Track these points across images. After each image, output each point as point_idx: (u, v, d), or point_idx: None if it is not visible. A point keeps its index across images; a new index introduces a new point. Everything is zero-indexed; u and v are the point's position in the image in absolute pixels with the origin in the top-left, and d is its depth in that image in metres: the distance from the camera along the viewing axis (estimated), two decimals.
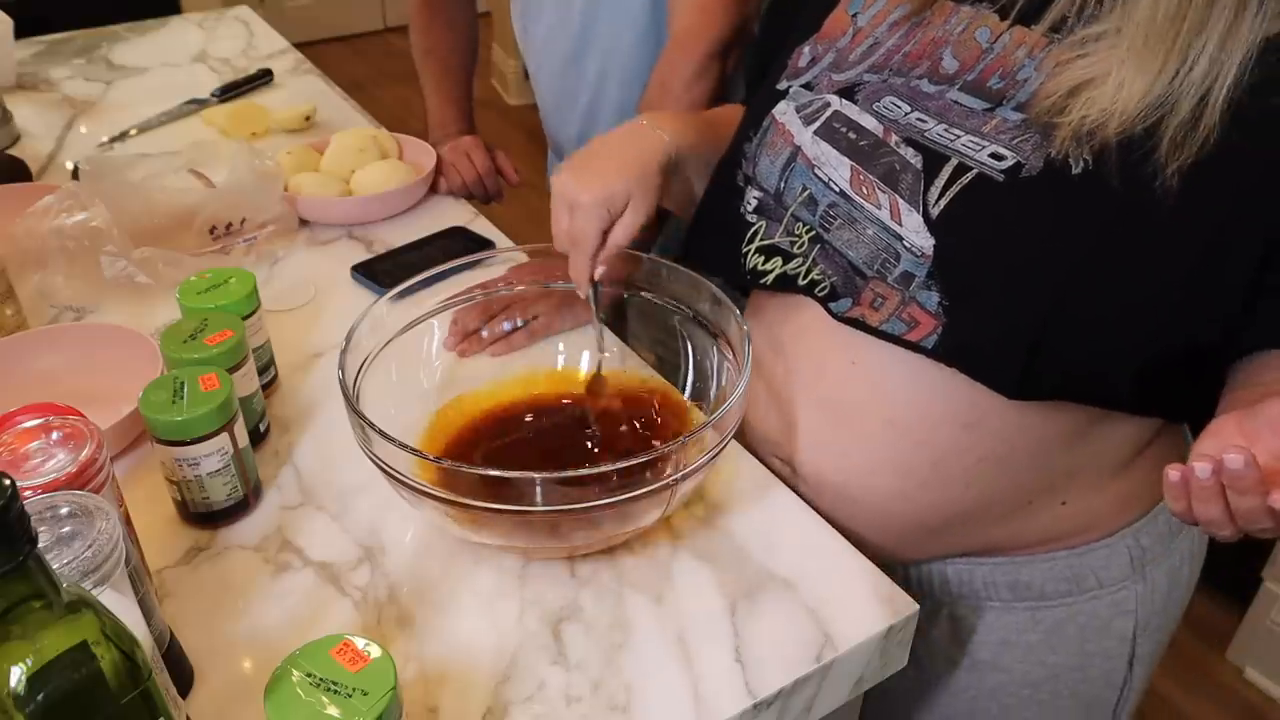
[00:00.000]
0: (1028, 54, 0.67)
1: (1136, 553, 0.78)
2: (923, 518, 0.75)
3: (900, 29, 0.73)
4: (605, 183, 0.75)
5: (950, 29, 0.71)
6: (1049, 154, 0.63)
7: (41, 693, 0.40)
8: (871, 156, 0.69)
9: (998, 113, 0.66)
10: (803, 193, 0.73)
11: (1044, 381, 0.65)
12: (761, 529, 0.75)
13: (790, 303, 0.76)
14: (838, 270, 0.71)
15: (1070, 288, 0.62)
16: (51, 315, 1.02)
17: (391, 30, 4.50)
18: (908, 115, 0.69)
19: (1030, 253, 0.63)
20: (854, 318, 0.70)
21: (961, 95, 0.68)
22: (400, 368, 0.80)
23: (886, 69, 0.72)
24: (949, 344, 0.66)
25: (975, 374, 0.66)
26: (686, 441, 0.67)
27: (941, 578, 0.81)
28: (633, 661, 0.65)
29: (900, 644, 0.70)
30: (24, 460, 0.57)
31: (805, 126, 0.73)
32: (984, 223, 0.65)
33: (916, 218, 0.66)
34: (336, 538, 0.75)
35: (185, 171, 1.20)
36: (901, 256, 0.67)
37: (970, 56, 0.69)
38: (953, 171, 0.66)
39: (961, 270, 0.65)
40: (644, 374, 0.88)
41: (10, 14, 1.55)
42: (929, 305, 0.66)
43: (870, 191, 0.69)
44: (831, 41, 0.76)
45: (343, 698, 0.50)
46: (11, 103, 1.46)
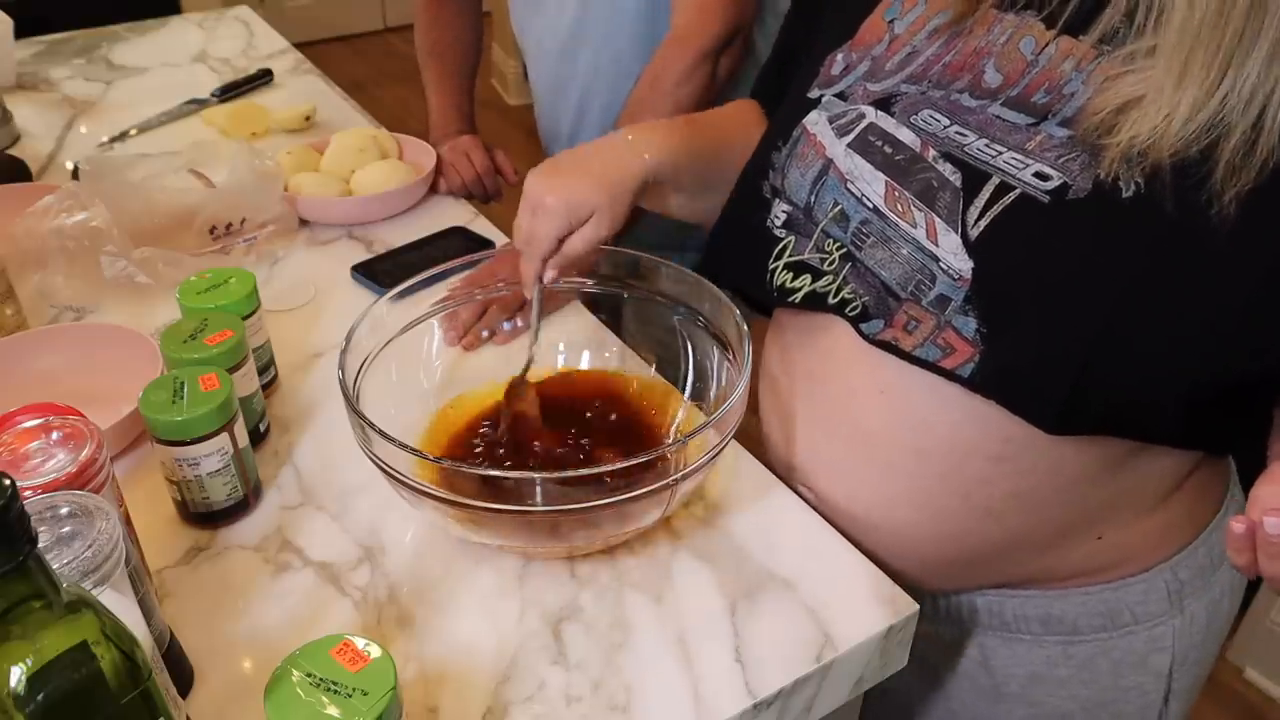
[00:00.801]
0: (1075, 67, 0.62)
1: (1175, 587, 0.74)
2: (951, 551, 0.72)
3: (940, 37, 0.69)
4: (571, 190, 0.74)
5: (993, 39, 0.66)
6: (1098, 175, 0.59)
7: (41, 693, 0.40)
8: (908, 172, 0.66)
9: (1042, 128, 0.62)
10: (834, 208, 0.70)
11: (1086, 415, 0.61)
12: (761, 529, 0.75)
13: (817, 323, 0.73)
14: (870, 290, 0.68)
15: (1118, 317, 0.58)
16: (51, 315, 1.02)
17: (391, 30, 4.50)
18: (947, 129, 0.66)
19: (1076, 280, 0.59)
20: (886, 340, 0.67)
21: (1004, 110, 0.64)
22: (400, 368, 0.80)
23: (925, 80, 0.68)
24: (987, 373, 0.62)
25: (1014, 407, 0.62)
26: (686, 441, 0.67)
27: (970, 608, 0.78)
28: (633, 661, 0.65)
29: (900, 644, 0.70)
30: (24, 460, 0.57)
31: (838, 139, 0.70)
32: (1027, 246, 0.61)
33: (954, 238, 0.63)
34: (336, 538, 0.75)
35: (185, 171, 1.20)
36: (938, 278, 0.64)
37: (1014, 69, 0.65)
38: (994, 191, 0.62)
39: (1002, 296, 0.62)
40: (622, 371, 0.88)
41: (10, 14, 1.55)
42: (966, 332, 0.63)
43: (905, 209, 0.65)
44: (867, 49, 0.72)
45: (343, 698, 0.50)
46: (11, 103, 1.46)
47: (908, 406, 0.68)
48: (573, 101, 1.29)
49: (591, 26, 1.22)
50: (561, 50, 1.26)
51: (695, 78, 1.11)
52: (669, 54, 1.12)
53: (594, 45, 1.24)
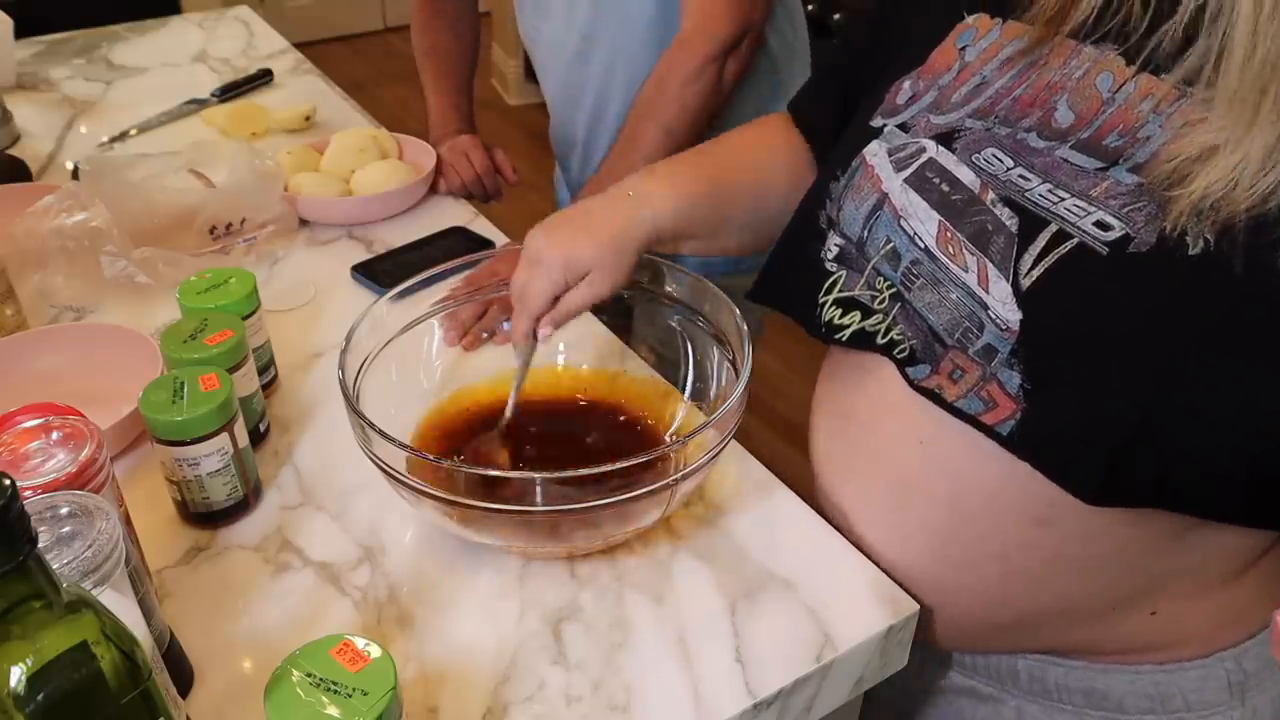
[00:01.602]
0: (1154, 108, 0.58)
1: (1237, 677, 0.68)
2: (989, 613, 0.69)
3: (1012, 68, 0.65)
4: (569, 248, 0.73)
5: (1069, 73, 0.62)
6: (1163, 228, 0.54)
7: (41, 693, 0.40)
8: (963, 213, 0.62)
9: (1111, 173, 0.58)
10: (886, 245, 0.66)
11: (1132, 488, 0.57)
12: (761, 529, 0.75)
13: (865, 363, 0.70)
14: (918, 333, 0.65)
15: (1174, 382, 0.54)
16: (51, 315, 1.02)
17: (391, 30, 4.50)
18: (1009, 171, 0.62)
19: (1130, 339, 0.55)
20: (930, 388, 0.63)
21: (1073, 153, 0.60)
22: (400, 368, 0.80)
23: (992, 115, 0.65)
24: (1025, 434, 0.59)
25: (1051, 473, 0.58)
26: (686, 442, 0.67)
27: (1011, 670, 0.74)
28: (633, 661, 0.65)
29: (900, 644, 0.70)
30: (24, 460, 0.57)
31: (896, 173, 0.67)
32: (1080, 300, 0.57)
33: (1005, 286, 0.59)
34: (336, 538, 0.75)
35: (185, 171, 1.20)
36: (985, 327, 0.60)
37: (1088, 109, 0.61)
38: (1050, 238, 0.58)
39: (1049, 352, 0.58)
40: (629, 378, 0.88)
41: (10, 14, 1.55)
42: (1010, 386, 0.59)
43: (957, 251, 0.62)
44: (935, 77, 0.68)
45: (343, 698, 0.50)
46: (11, 103, 1.46)
47: (946, 460, 0.65)
48: (587, 106, 1.29)
49: (603, 30, 1.22)
50: (574, 55, 1.26)
51: (702, 79, 1.10)
52: (675, 56, 1.11)
53: (607, 48, 1.23)
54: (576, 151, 1.36)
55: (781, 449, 2.17)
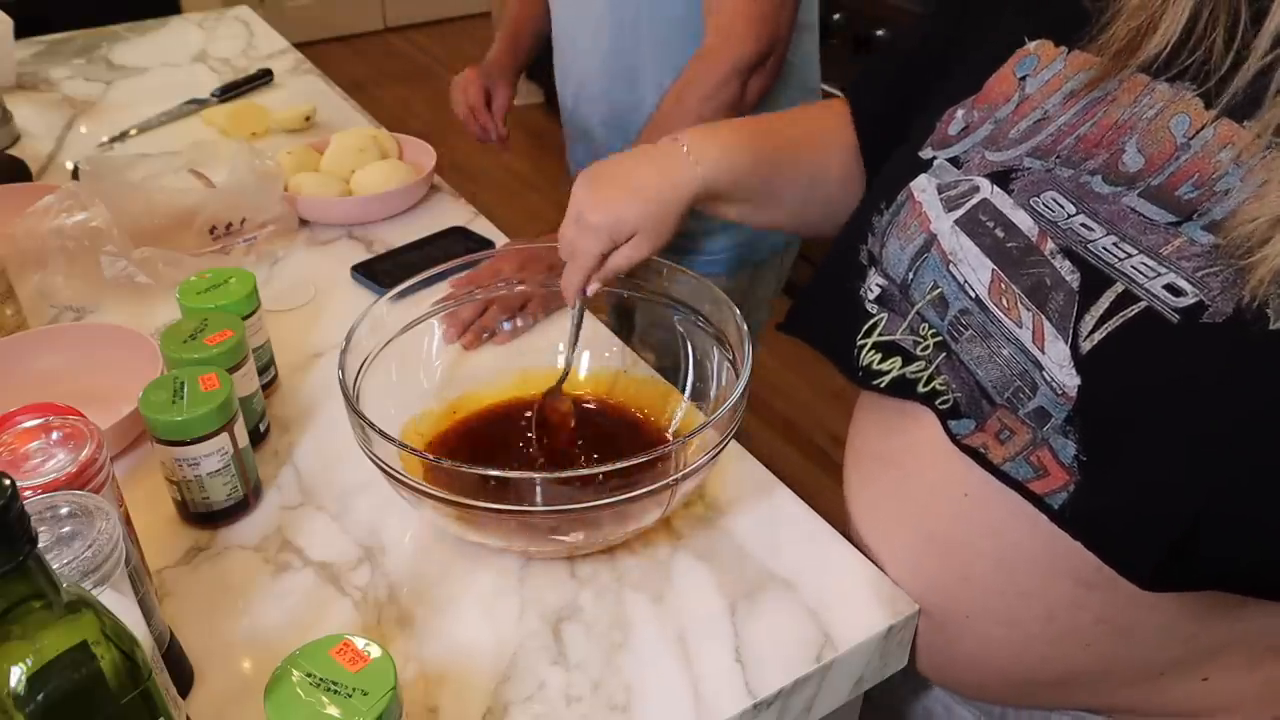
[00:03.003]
0: (1234, 159, 0.52)
1: None
2: (1031, 671, 0.65)
3: (1077, 103, 0.60)
4: (615, 209, 0.72)
5: (1139, 112, 0.57)
6: (1241, 297, 0.49)
7: (41, 693, 0.40)
8: (1020, 263, 0.58)
9: (1184, 230, 0.53)
10: (933, 290, 0.62)
11: (1190, 573, 0.53)
12: (761, 529, 0.75)
13: (902, 410, 0.66)
14: (963, 387, 0.61)
15: (1243, 467, 0.50)
16: (51, 315, 1.02)
17: (391, 30, 4.50)
18: (1070, 219, 0.57)
19: (1198, 416, 0.51)
20: (974, 446, 0.60)
21: (1141, 202, 0.55)
22: (400, 368, 0.80)
23: (1054, 155, 0.60)
24: (1079, 509, 0.55)
25: (1104, 555, 0.55)
26: (686, 441, 0.67)
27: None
28: (633, 661, 0.65)
29: (900, 644, 0.70)
30: (24, 460, 0.57)
31: (946, 213, 0.62)
32: (1146, 370, 0.52)
33: (1063, 348, 0.55)
34: (336, 538, 0.75)
35: (185, 171, 1.20)
36: (1039, 389, 0.56)
37: (1161, 153, 0.55)
38: (1116, 299, 0.53)
39: (1109, 423, 0.54)
40: (639, 376, 0.88)
41: (10, 14, 1.55)
42: (1064, 456, 0.55)
43: (1012, 305, 0.57)
44: (991, 108, 0.64)
45: (343, 698, 0.50)
46: (11, 103, 1.46)
47: (993, 516, 0.61)
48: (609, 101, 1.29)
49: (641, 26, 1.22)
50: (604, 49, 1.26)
51: (721, 96, 1.09)
52: (696, 70, 1.10)
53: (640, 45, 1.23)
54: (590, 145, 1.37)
55: (781, 449, 2.17)
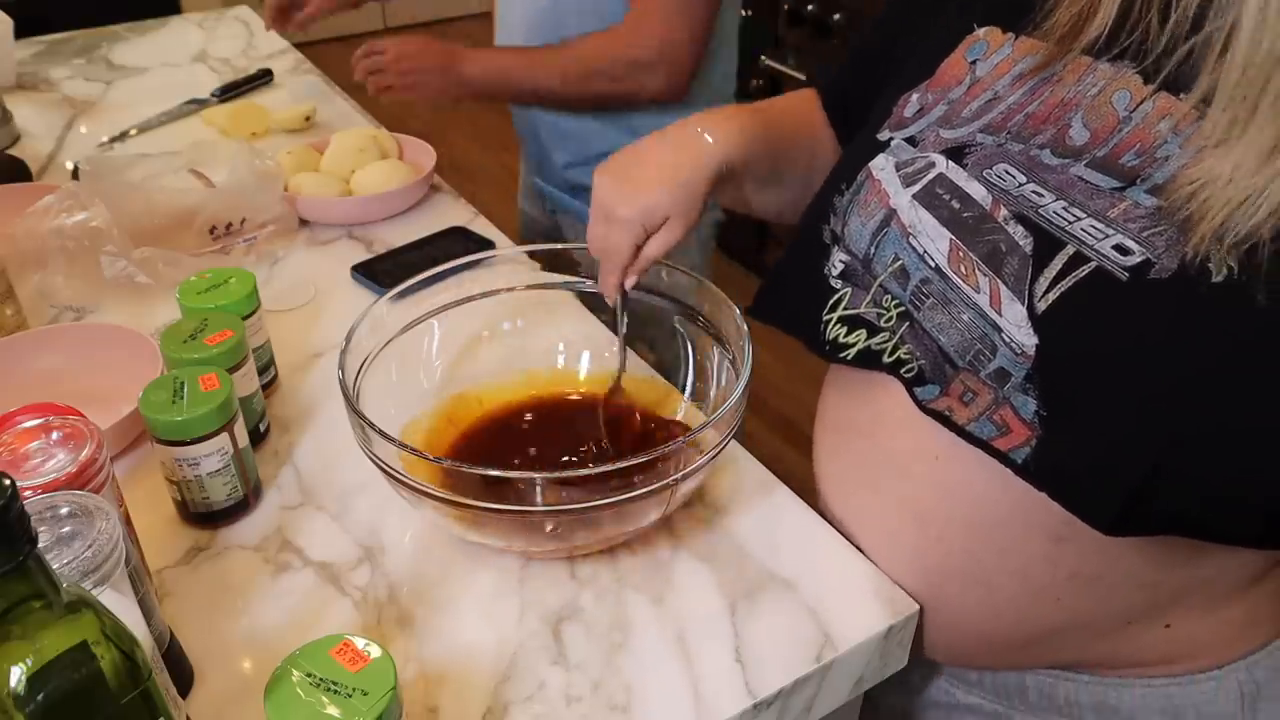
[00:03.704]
0: (1172, 128, 0.56)
1: (1249, 688, 0.67)
2: (1004, 631, 0.68)
3: (1025, 84, 0.63)
4: (644, 196, 0.71)
5: (1083, 90, 0.60)
6: (1184, 254, 0.53)
7: (41, 693, 0.40)
8: (976, 231, 0.61)
9: (1128, 195, 0.56)
10: (894, 262, 0.65)
11: (1147, 518, 0.55)
12: (761, 529, 0.75)
13: (872, 379, 0.69)
14: (926, 354, 0.63)
15: (1192, 412, 0.53)
16: (51, 315, 1.02)
17: (391, 30, 4.50)
18: (1021, 187, 0.60)
19: (1149, 368, 0.54)
20: (939, 410, 0.62)
21: (1088, 171, 0.59)
22: (400, 368, 0.80)
23: (1004, 131, 0.63)
24: (1041, 462, 0.58)
25: (1067, 502, 0.57)
26: (686, 441, 0.67)
27: (1019, 686, 0.73)
28: (633, 661, 0.65)
29: (900, 644, 0.70)
30: (24, 460, 0.57)
31: (904, 188, 0.65)
32: (1099, 326, 0.55)
33: (1020, 309, 0.58)
34: (336, 538, 0.75)
35: (185, 171, 1.20)
36: (998, 350, 0.59)
37: (1104, 126, 0.59)
38: (1068, 261, 0.56)
39: (1066, 378, 0.56)
40: (645, 379, 0.88)
41: (10, 14, 1.55)
42: (1024, 412, 0.58)
43: (969, 272, 0.61)
44: (944, 90, 0.67)
45: (343, 698, 0.50)
46: (11, 103, 1.46)
47: (962, 479, 0.64)
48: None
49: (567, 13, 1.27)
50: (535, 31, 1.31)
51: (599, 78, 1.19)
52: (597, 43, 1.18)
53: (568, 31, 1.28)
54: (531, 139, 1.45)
55: (781, 449, 2.17)
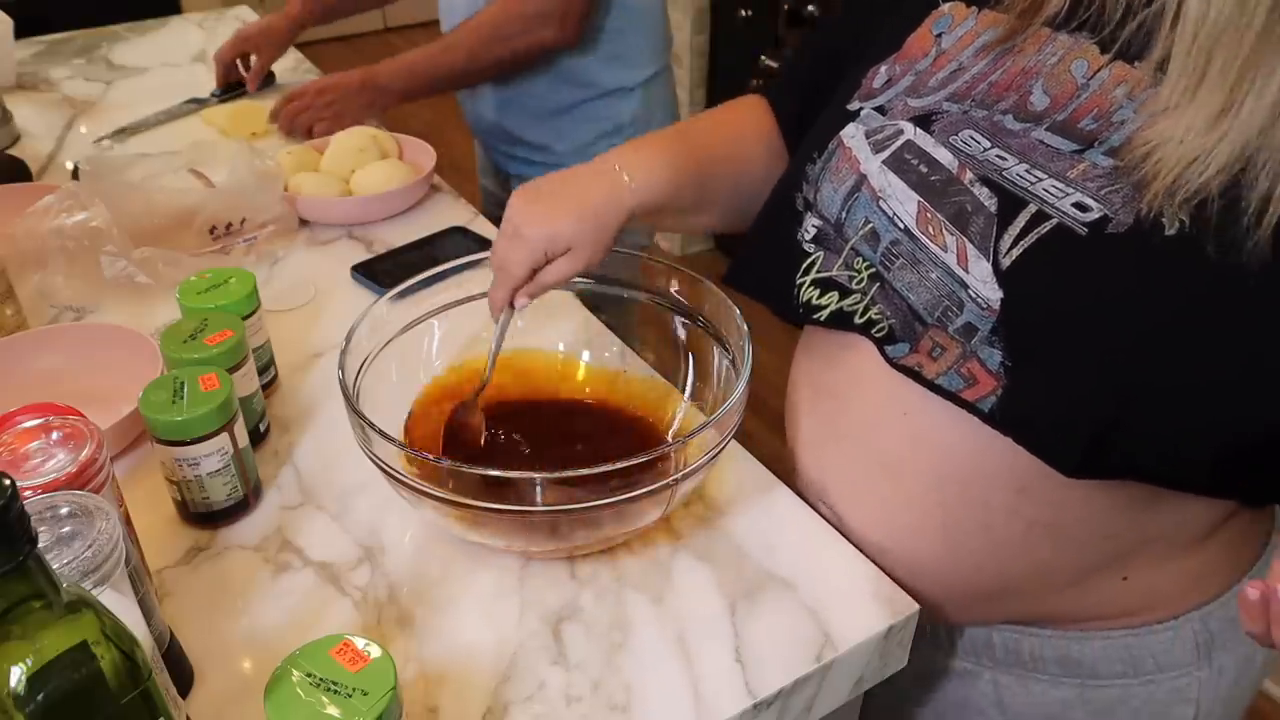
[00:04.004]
0: (1127, 94, 0.60)
1: (1204, 638, 0.71)
2: (971, 583, 0.70)
3: (988, 55, 0.66)
4: (551, 222, 0.72)
5: (1043, 59, 0.64)
6: (1140, 209, 0.56)
7: (41, 693, 0.40)
8: (943, 194, 0.64)
9: (1087, 156, 0.60)
10: (865, 226, 0.68)
11: (1108, 461, 0.59)
12: (761, 529, 0.75)
13: (843, 342, 0.71)
14: (896, 313, 0.66)
15: (1148, 361, 0.56)
16: (51, 315, 1.02)
17: (391, 30, 4.50)
18: (986, 151, 0.63)
19: (1108, 319, 0.57)
20: (909, 366, 0.65)
21: (1048, 135, 0.62)
22: (400, 368, 0.80)
23: (969, 99, 0.66)
24: (1007, 410, 0.60)
25: (1032, 447, 0.60)
26: (686, 441, 0.67)
27: (986, 643, 0.76)
28: (633, 661, 0.65)
29: (900, 644, 0.70)
30: (24, 460, 0.57)
31: (874, 154, 0.68)
32: (1059, 279, 0.58)
33: (985, 266, 0.61)
34: (336, 538, 0.75)
35: (185, 171, 1.20)
36: (965, 306, 0.62)
37: (1063, 92, 0.62)
38: (1030, 219, 0.59)
39: (1029, 329, 0.59)
40: (634, 376, 0.88)
41: (10, 14, 1.55)
42: (990, 363, 0.61)
43: (937, 231, 0.63)
44: (911, 62, 0.70)
45: (343, 698, 0.50)
46: (11, 103, 1.46)
47: (931, 432, 0.66)
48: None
49: None
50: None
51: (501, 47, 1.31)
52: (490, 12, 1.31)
53: None
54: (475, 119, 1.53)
55: (781, 449, 2.17)
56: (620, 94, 1.43)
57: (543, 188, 0.75)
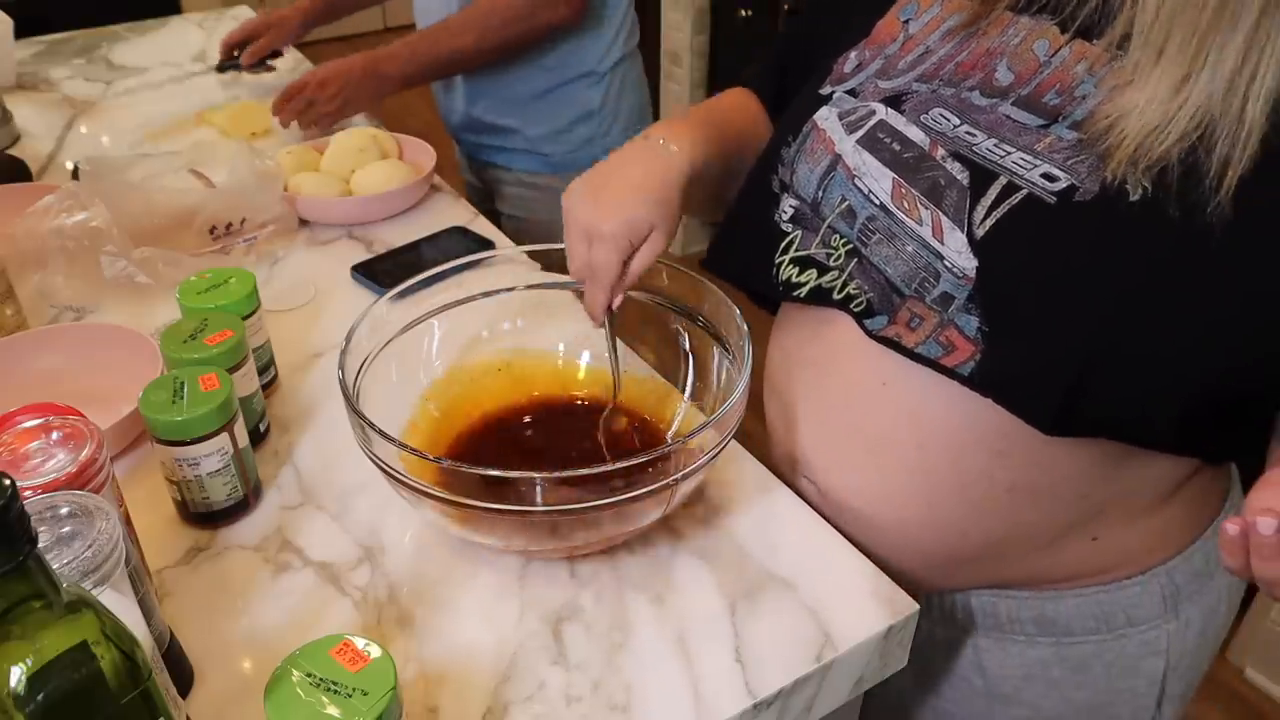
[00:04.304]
0: (1088, 70, 0.63)
1: (1169, 591, 0.74)
2: (950, 547, 0.72)
3: (954, 38, 0.70)
4: (626, 211, 0.71)
5: (1007, 40, 0.67)
6: (1105, 178, 0.59)
7: (41, 693, 0.40)
8: (916, 170, 0.66)
9: (1052, 130, 0.63)
10: (841, 203, 0.70)
11: (1082, 418, 0.61)
12: (761, 529, 0.75)
13: (822, 318, 0.73)
14: (874, 287, 0.68)
15: (1118, 322, 0.59)
16: (51, 315, 1.02)
17: (391, 30, 4.50)
18: (956, 128, 0.66)
19: (1078, 282, 0.60)
20: (889, 337, 0.67)
21: (1014, 110, 0.65)
22: (400, 368, 0.80)
23: (936, 79, 0.69)
24: (986, 372, 0.63)
25: (1011, 406, 0.62)
26: (686, 442, 0.67)
27: (965, 608, 0.78)
28: (633, 661, 0.65)
29: (900, 644, 0.70)
30: (24, 460, 0.57)
31: (848, 135, 0.70)
32: (1032, 247, 0.61)
33: (960, 237, 0.63)
34: (336, 538, 0.75)
35: (185, 171, 1.20)
36: (942, 276, 0.64)
37: (1026, 69, 0.65)
38: (1001, 190, 0.62)
39: (1004, 296, 0.62)
40: (641, 378, 0.88)
41: (10, 14, 1.55)
42: (968, 330, 0.63)
43: (912, 206, 0.66)
44: (880, 48, 0.73)
45: (343, 698, 0.50)
46: (11, 103, 1.46)
47: (909, 400, 0.68)
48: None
49: None
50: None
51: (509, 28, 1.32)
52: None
53: None
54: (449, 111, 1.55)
55: None
56: (591, 78, 1.44)
57: (598, 182, 0.74)
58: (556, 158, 1.48)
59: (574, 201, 0.73)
